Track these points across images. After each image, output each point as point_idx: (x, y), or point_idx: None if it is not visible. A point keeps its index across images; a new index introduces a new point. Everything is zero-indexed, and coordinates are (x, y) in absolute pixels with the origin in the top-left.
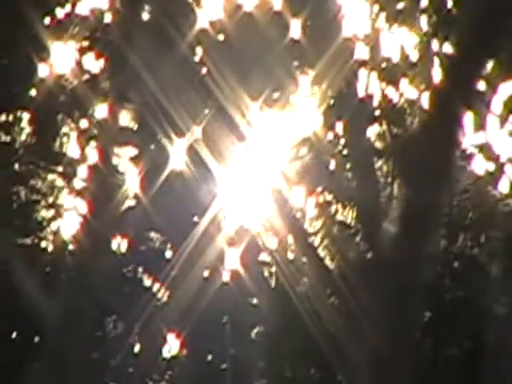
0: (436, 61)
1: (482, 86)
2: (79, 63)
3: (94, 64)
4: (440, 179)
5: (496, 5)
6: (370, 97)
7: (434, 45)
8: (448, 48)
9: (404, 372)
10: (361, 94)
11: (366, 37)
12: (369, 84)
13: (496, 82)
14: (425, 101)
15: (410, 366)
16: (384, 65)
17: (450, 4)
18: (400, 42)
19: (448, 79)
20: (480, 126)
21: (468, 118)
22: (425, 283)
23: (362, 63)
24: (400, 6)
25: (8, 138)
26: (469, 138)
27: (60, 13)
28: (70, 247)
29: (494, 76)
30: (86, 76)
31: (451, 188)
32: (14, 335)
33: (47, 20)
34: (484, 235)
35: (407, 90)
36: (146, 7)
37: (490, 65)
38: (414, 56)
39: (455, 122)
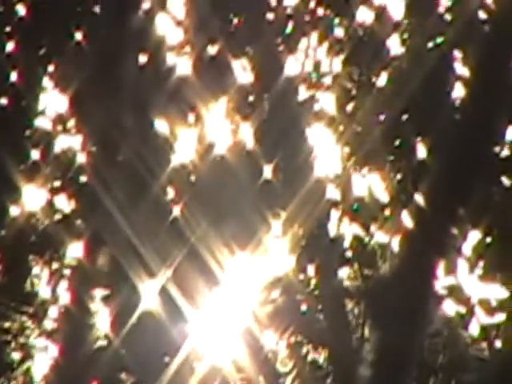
0: (407, 206)
1: (453, 230)
2: (51, 203)
3: (66, 204)
4: (412, 322)
5: (466, 152)
6: (341, 238)
7: (405, 191)
8: (419, 195)
9: None
10: (332, 235)
11: (338, 178)
12: (340, 225)
13: (467, 226)
14: (396, 244)
15: None
16: (355, 207)
17: (420, 153)
18: (370, 185)
19: (419, 225)
20: (451, 269)
21: (439, 261)
22: None
23: (334, 205)
24: (370, 151)
25: None
26: (440, 281)
27: (33, 152)
28: None
29: (465, 221)
30: (58, 216)
31: (422, 331)
32: None
33: (19, 161)
34: (455, 379)
35: (378, 233)
36: (119, 149)
37: (461, 211)
38: (384, 199)
39: (427, 266)
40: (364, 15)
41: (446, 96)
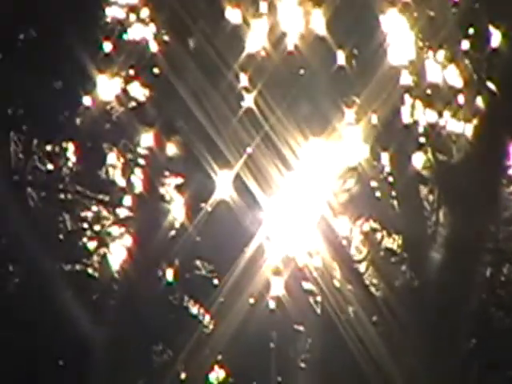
0: (481, 91)
1: None
2: (125, 92)
3: (140, 93)
4: (486, 207)
5: None
6: (415, 124)
7: (478, 77)
8: (492, 80)
9: None
10: (406, 121)
11: (411, 64)
12: (414, 111)
13: None
14: (470, 128)
15: None
16: (429, 92)
17: (494, 40)
18: (445, 70)
19: (493, 109)
20: None
21: None
22: (470, 311)
23: (407, 90)
24: (443, 36)
25: (54, 167)
26: None
27: (106, 42)
28: (117, 275)
29: None
30: (132, 105)
31: (497, 216)
32: (60, 362)
33: (93, 49)
34: None
35: (453, 118)
36: (193, 36)
37: None
38: (459, 85)
39: (501, 150)
40: None
41: None
